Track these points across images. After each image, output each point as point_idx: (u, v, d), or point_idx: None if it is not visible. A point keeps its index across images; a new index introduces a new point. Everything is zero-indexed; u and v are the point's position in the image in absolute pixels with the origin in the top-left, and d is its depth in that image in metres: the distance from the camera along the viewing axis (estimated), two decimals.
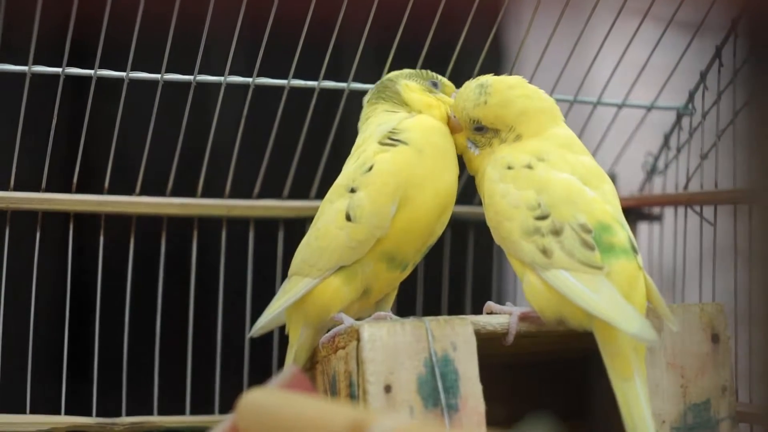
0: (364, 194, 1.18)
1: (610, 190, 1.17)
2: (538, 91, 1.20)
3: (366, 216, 1.17)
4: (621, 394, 1.10)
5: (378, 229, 1.17)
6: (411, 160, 1.18)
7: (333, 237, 1.19)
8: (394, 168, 1.18)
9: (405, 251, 1.19)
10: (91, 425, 1.31)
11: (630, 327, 1.08)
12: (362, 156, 1.20)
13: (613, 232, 1.13)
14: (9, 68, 1.25)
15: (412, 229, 1.18)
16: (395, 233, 1.18)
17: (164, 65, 1.27)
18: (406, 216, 1.18)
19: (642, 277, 1.14)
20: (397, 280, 1.22)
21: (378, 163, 1.18)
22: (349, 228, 1.18)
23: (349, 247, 1.18)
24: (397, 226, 1.18)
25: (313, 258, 1.20)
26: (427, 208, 1.18)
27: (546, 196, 1.14)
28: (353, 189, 1.19)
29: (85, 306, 1.34)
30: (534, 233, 1.14)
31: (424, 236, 1.19)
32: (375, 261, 1.19)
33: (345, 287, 1.19)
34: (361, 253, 1.18)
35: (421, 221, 1.18)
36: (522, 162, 1.16)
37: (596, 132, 1.45)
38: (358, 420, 0.89)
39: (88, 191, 1.33)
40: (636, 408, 1.09)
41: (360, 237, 1.18)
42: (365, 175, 1.18)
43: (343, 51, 1.31)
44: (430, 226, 1.19)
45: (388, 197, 1.17)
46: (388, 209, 1.17)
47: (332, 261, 1.19)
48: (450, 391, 1.10)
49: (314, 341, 1.22)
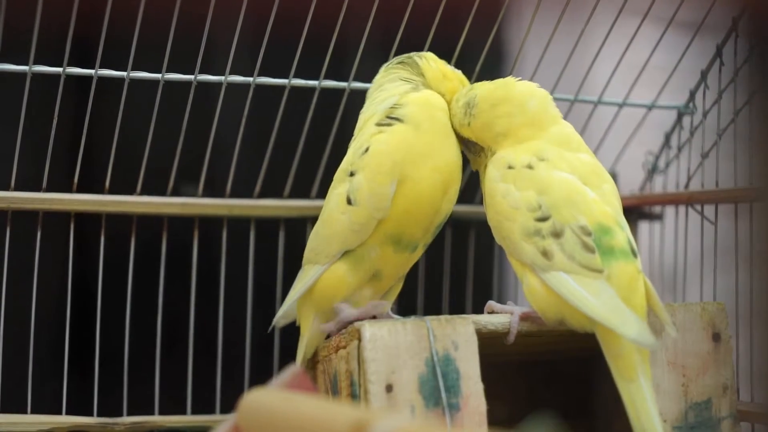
0: (362, 177, 1.17)
1: (610, 189, 1.17)
2: (523, 105, 1.19)
3: (365, 198, 1.17)
4: (627, 395, 1.10)
5: (378, 210, 1.17)
6: (406, 137, 1.18)
7: (336, 222, 1.18)
8: (388, 148, 1.17)
9: (411, 232, 1.18)
10: (92, 425, 1.31)
11: (629, 332, 1.08)
12: (360, 138, 1.20)
13: (613, 234, 1.13)
14: (10, 68, 1.25)
15: (415, 208, 1.17)
16: (397, 214, 1.17)
17: (165, 65, 1.27)
18: (407, 195, 1.17)
19: (641, 280, 1.13)
20: (407, 261, 1.21)
21: (373, 144, 1.18)
22: (350, 212, 1.18)
23: (352, 230, 1.17)
24: (398, 206, 1.17)
25: (321, 245, 1.20)
26: (428, 184, 1.17)
27: (547, 197, 1.14)
28: (352, 172, 1.19)
29: (86, 306, 1.34)
30: (534, 234, 1.14)
31: (429, 215, 1.18)
32: (380, 244, 1.18)
33: (351, 273, 1.18)
34: (364, 236, 1.18)
35: (423, 199, 1.17)
36: (523, 162, 1.16)
37: (597, 131, 1.45)
38: (359, 420, 0.89)
39: (88, 191, 1.33)
40: (643, 409, 1.09)
41: (361, 220, 1.17)
42: (362, 157, 1.18)
43: (344, 50, 1.31)
44: (435, 204, 1.18)
45: (385, 177, 1.17)
46: (386, 190, 1.17)
47: (337, 246, 1.18)
48: (451, 391, 1.10)
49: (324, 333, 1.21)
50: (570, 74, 1.39)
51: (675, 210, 1.44)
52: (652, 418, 1.09)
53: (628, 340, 1.09)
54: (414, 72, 1.23)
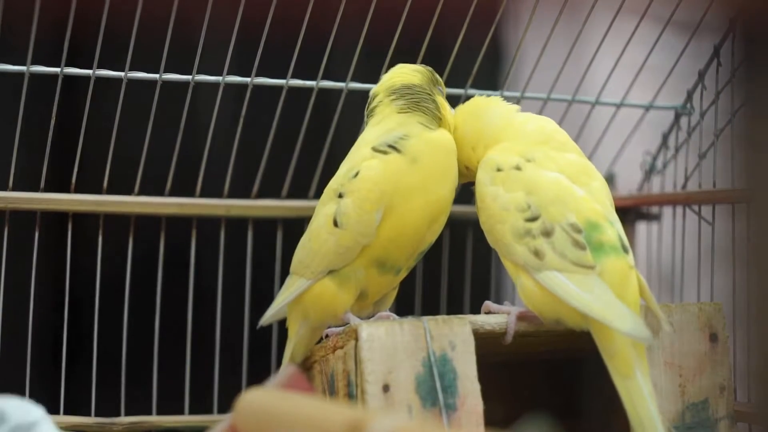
0: (350, 201, 1.17)
1: (599, 186, 1.17)
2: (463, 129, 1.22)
3: (351, 223, 1.17)
4: (624, 392, 1.10)
5: (363, 236, 1.17)
6: (399, 168, 1.17)
7: (323, 242, 1.19)
8: (377, 176, 1.17)
9: (395, 257, 1.18)
10: (89, 425, 1.31)
11: (623, 325, 1.08)
12: (353, 160, 1.20)
13: (602, 230, 1.13)
14: (7, 68, 1.25)
15: (400, 237, 1.18)
16: (382, 241, 1.17)
17: (162, 65, 1.27)
18: (393, 224, 1.17)
19: (634, 275, 1.14)
20: (392, 283, 1.22)
21: (363, 169, 1.18)
22: (337, 234, 1.18)
23: (337, 252, 1.18)
24: (383, 233, 1.17)
25: (307, 259, 1.20)
26: (415, 217, 1.18)
27: (535, 197, 1.14)
28: (341, 194, 1.19)
29: (84, 306, 1.34)
30: (525, 235, 1.14)
31: (413, 244, 1.19)
32: (365, 266, 1.18)
33: (342, 290, 1.19)
34: (349, 258, 1.18)
35: (408, 230, 1.18)
36: (511, 163, 1.17)
37: (595, 131, 1.45)
38: (356, 419, 0.89)
39: (86, 191, 1.33)
40: (641, 405, 1.09)
41: (347, 243, 1.17)
42: (351, 181, 1.18)
43: (342, 51, 1.31)
44: (419, 234, 1.19)
45: (372, 205, 1.17)
46: (372, 217, 1.17)
47: (323, 265, 1.19)
48: (448, 391, 1.10)
49: (312, 338, 1.22)
50: (568, 75, 1.39)
51: (672, 210, 1.44)
52: (651, 413, 1.08)
53: (622, 334, 1.09)
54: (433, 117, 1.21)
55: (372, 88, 1.25)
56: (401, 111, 1.21)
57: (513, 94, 1.39)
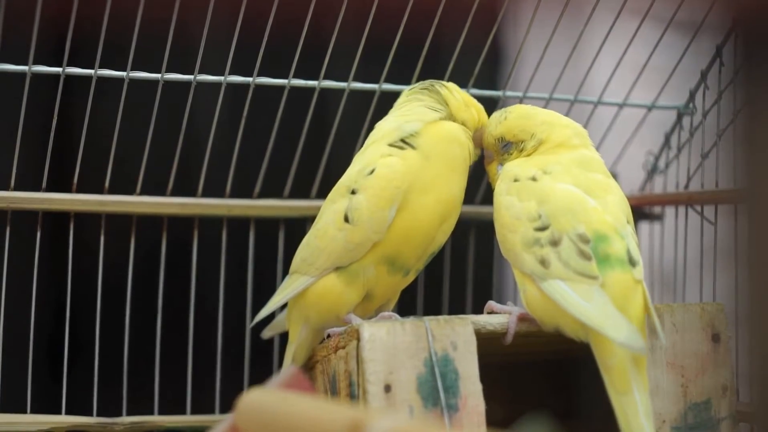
0: (363, 197, 1.18)
1: (614, 200, 1.16)
2: (562, 121, 1.22)
3: (364, 219, 1.17)
4: (619, 408, 1.09)
5: (375, 233, 1.17)
6: (415, 165, 1.18)
7: (331, 238, 1.19)
8: (394, 173, 1.18)
9: (405, 256, 1.19)
10: (91, 425, 1.31)
11: (618, 335, 1.07)
12: (369, 156, 1.20)
13: (610, 242, 1.13)
14: (9, 68, 1.25)
15: (412, 234, 1.18)
16: (394, 238, 1.17)
17: (164, 65, 1.27)
18: (406, 222, 1.17)
19: (640, 289, 1.12)
20: (399, 285, 1.22)
21: (380, 167, 1.18)
22: (347, 230, 1.18)
23: (346, 249, 1.18)
24: (395, 231, 1.17)
25: (312, 257, 1.20)
26: (428, 214, 1.18)
27: (546, 207, 1.14)
28: (354, 191, 1.19)
29: (86, 305, 1.34)
30: (534, 244, 1.13)
31: (424, 243, 1.19)
32: (375, 264, 1.18)
33: (348, 289, 1.19)
34: (358, 255, 1.18)
35: (421, 228, 1.18)
36: (528, 174, 1.17)
37: (597, 132, 1.45)
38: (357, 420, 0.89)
39: (88, 191, 1.33)
40: (635, 423, 1.08)
41: (357, 240, 1.18)
42: (366, 178, 1.18)
43: (343, 51, 1.31)
44: (431, 233, 1.19)
45: (387, 202, 1.17)
46: (386, 214, 1.17)
47: (329, 261, 1.19)
48: (450, 391, 1.10)
49: (314, 340, 1.22)
50: (570, 75, 1.39)
51: (675, 210, 1.44)
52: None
53: (616, 343, 1.08)
54: (438, 101, 1.23)
55: (373, 88, 1.25)
56: (408, 100, 1.23)
57: (515, 95, 1.39)
